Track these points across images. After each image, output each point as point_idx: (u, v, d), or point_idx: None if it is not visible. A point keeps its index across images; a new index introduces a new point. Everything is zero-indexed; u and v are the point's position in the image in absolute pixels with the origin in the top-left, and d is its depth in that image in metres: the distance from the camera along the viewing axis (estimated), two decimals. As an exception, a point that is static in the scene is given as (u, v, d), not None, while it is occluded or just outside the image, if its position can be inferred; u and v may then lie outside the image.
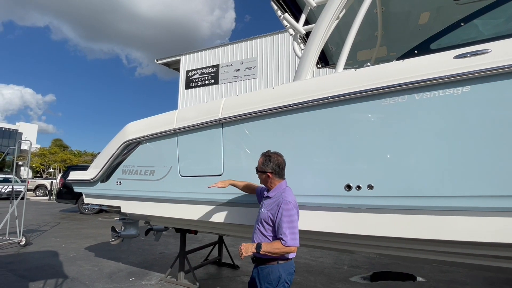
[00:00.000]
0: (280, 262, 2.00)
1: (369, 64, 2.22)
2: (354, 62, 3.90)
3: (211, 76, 17.67)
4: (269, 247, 1.95)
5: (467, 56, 1.75)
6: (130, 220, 4.16)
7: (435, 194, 1.84)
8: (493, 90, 1.69)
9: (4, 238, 6.25)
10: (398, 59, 2.09)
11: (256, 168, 2.19)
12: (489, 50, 1.70)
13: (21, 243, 6.17)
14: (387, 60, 3.44)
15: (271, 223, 2.02)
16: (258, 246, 1.95)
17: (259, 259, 2.05)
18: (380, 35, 3.51)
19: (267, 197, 2.14)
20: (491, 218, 1.73)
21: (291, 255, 2.03)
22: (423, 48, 2.17)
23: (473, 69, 1.71)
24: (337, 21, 2.53)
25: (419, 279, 4.54)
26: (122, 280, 4.33)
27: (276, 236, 1.99)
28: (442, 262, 2.41)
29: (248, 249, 1.98)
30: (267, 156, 2.14)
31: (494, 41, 1.74)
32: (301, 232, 2.38)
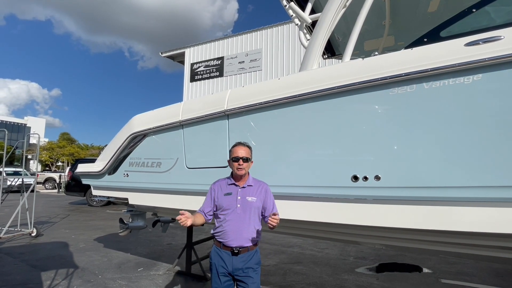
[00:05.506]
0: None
1: (376, 53, 2.17)
2: (361, 52, 3.83)
3: (216, 69, 17.60)
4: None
5: (478, 43, 1.70)
6: (137, 211, 4.21)
7: (443, 184, 1.81)
8: (505, 78, 1.65)
9: (16, 229, 6.41)
10: (407, 47, 2.05)
11: (248, 158, 2.22)
12: (502, 37, 1.65)
13: (32, 234, 6.32)
14: (395, 49, 3.38)
15: (261, 207, 2.20)
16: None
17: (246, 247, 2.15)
18: (387, 24, 3.43)
19: (249, 185, 2.22)
20: (498, 208, 1.71)
21: None
22: (433, 36, 2.11)
23: (485, 56, 1.66)
24: (344, 9, 2.48)
25: (426, 270, 4.54)
26: (130, 270, 4.41)
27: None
28: (449, 254, 2.40)
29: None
30: (250, 146, 2.26)
31: (507, 27, 1.69)
32: (308, 223, 2.38)
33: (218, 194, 2.23)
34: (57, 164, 43.26)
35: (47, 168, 42.31)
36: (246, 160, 2.18)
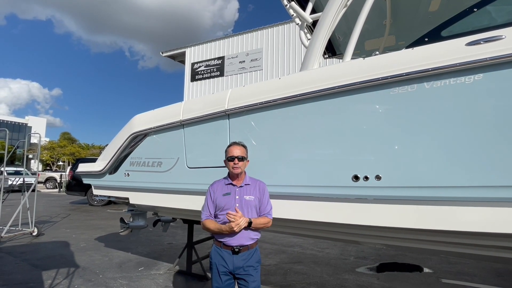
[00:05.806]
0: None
1: (377, 53, 2.17)
2: (362, 52, 3.83)
3: (217, 68, 17.60)
4: (260, 222, 2.18)
5: (479, 43, 1.70)
6: (138, 211, 4.22)
7: (444, 184, 1.81)
8: (506, 78, 1.65)
9: (17, 228, 6.41)
10: (408, 47, 2.04)
11: (243, 157, 2.25)
12: (503, 37, 1.65)
13: (33, 234, 6.33)
14: (396, 49, 3.37)
15: (258, 205, 2.24)
16: (250, 223, 2.15)
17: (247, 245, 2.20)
18: (388, 24, 3.43)
19: (247, 184, 2.27)
20: (499, 208, 1.70)
21: None
22: (434, 36, 2.11)
23: (486, 56, 1.66)
24: (345, 9, 2.48)
25: (426, 270, 4.54)
26: (131, 269, 4.42)
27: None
28: (449, 253, 2.40)
29: (242, 223, 2.11)
30: (245, 146, 2.31)
31: (508, 27, 1.68)
32: (309, 223, 2.38)
33: (216, 194, 2.25)
34: (58, 163, 43.32)
35: (48, 168, 42.36)
36: (242, 159, 2.21)
